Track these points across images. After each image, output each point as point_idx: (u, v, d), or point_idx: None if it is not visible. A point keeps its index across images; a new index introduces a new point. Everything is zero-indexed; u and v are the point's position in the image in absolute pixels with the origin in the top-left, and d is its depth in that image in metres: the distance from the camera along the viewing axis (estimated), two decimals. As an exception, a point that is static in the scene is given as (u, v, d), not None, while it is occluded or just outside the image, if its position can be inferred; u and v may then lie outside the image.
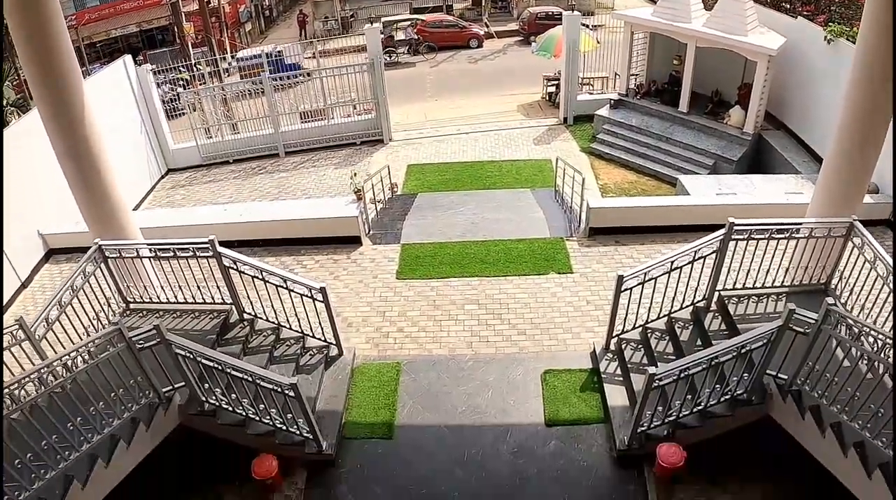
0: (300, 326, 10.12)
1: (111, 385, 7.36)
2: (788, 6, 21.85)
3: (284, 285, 9.43)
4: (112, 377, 7.33)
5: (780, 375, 7.90)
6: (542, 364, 10.44)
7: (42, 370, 6.45)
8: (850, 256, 8.82)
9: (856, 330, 6.65)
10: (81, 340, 7.26)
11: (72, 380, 6.80)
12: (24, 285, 13.68)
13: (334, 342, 10.32)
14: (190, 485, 9.09)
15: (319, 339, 10.26)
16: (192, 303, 10.01)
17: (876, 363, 6.57)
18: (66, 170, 9.70)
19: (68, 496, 6.75)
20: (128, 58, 19.74)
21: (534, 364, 10.47)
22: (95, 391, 7.20)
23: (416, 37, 36.10)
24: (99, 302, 9.22)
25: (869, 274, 8.35)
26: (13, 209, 12.89)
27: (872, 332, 6.47)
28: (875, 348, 6.46)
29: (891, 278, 7.84)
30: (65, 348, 6.94)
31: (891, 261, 7.95)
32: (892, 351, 6.29)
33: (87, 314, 8.98)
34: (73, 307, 8.63)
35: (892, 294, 7.81)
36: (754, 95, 18.44)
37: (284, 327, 10.19)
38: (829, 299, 6.88)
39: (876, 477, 6.55)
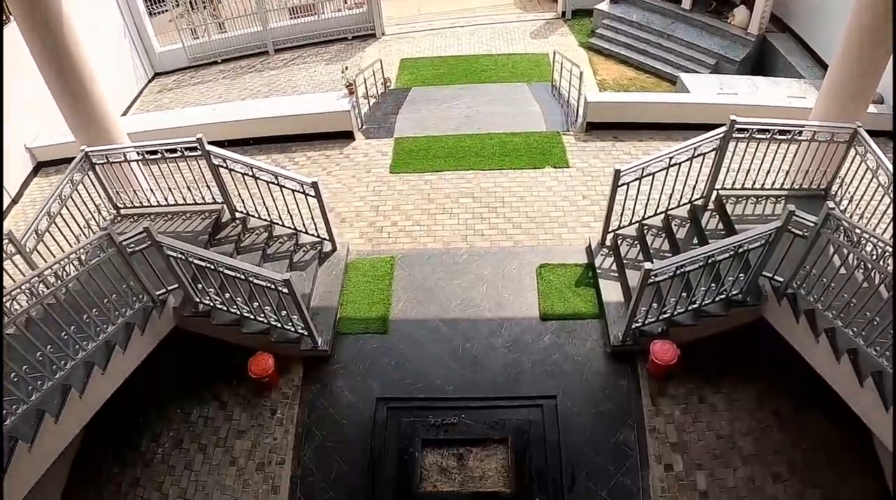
0: (293, 222, 10.01)
1: (104, 292, 7.31)
2: None
3: (276, 182, 9.25)
4: (104, 284, 7.27)
5: (776, 277, 7.88)
6: (538, 258, 10.42)
7: (33, 281, 6.36)
8: (851, 163, 8.65)
9: (855, 236, 6.57)
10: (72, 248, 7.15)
11: (64, 289, 6.74)
12: (14, 202, 13.47)
13: (328, 238, 10.23)
14: (188, 387, 9.18)
15: (313, 235, 10.16)
16: (183, 205, 9.87)
17: (873, 272, 6.50)
18: (47, 77, 9.37)
19: (66, 406, 6.78)
20: None
21: (529, 258, 10.44)
22: (88, 299, 7.15)
23: None
24: (88, 210, 9.09)
25: (870, 183, 8.20)
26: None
27: (872, 239, 6.39)
28: (874, 256, 6.38)
29: (892, 188, 7.72)
30: (55, 258, 6.84)
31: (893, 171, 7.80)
32: (891, 260, 6.22)
33: (77, 223, 8.85)
34: (62, 217, 8.49)
35: (892, 204, 7.71)
36: (759, -6, 17.82)
37: (277, 224, 10.08)
38: (830, 204, 6.76)
39: (867, 385, 6.58)
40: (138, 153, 9.37)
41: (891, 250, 6.19)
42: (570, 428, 8.40)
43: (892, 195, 7.69)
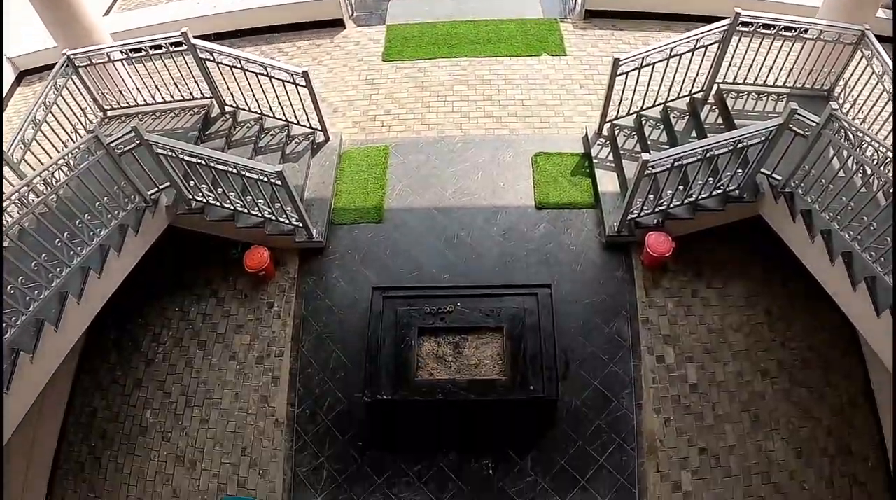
0: (284, 114, 9.77)
1: (95, 195, 7.24)
2: None
3: (265, 73, 8.97)
4: (95, 187, 7.20)
5: (774, 175, 7.82)
6: (534, 147, 10.31)
7: (22, 190, 6.26)
8: (856, 66, 8.44)
9: (857, 139, 6.49)
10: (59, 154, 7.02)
11: (55, 196, 6.65)
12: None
13: (320, 128, 10.05)
14: (185, 285, 9.24)
15: (305, 126, 9.97)
16: (171, 102, 9.63)
17: (873, 177, 6.47)
18: None
19: (65, 313, 6.81)
20: None
21: (525, 146, 10.33)
22: (80, 204, 7.09)
23: None
24: (75, 115, 8.82)
25: (874, 88, 8.02)
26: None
27: (874, 143, 6.31)
28: (875, 161, 6.33)
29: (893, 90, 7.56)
30: (43, 165, 6.72)
31: None
32: (892, 166, 6.16)
33: (64, 130, 8.62)
34: (48, 125, 8.24)
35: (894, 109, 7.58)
36: None
37: (268, 116, 9.86)
38: (833, 104, 6.65)
39: (860, 289, 6.64)
40: (122, 52, 9.02)
41: (892, 155, 6.13)
42: (564, 317, 8.51)
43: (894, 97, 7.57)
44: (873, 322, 6.53)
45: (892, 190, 6.17)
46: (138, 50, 8.90)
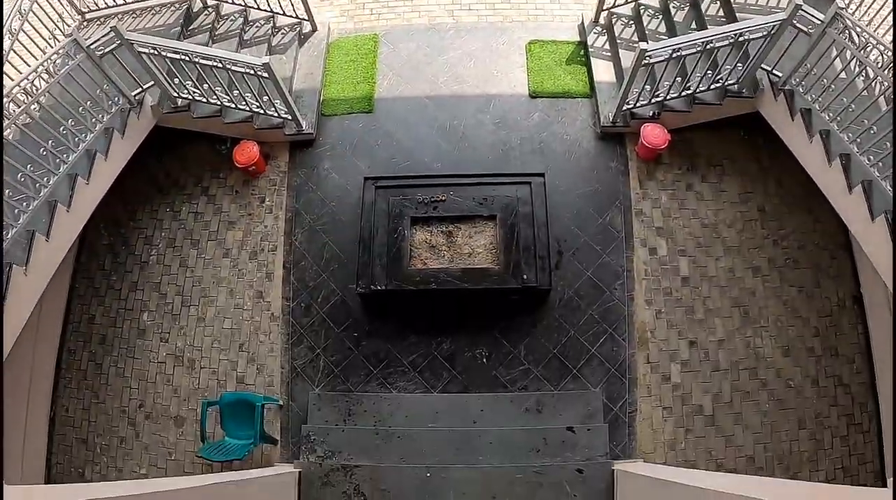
0: (269, 4, 9.42)
1: (78, 101, 7.11)
2: None
3: (249, -39, 8.67)
4: (77, 92, 7.07)
5: (775, 71, 7.69)
6: (528, 34, 10.04)
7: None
8: None
9: (863, 40, 6.34)
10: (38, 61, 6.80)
11: (36, 105, 6.53)
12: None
13: (307, 18, 9.69)
14: (175, 185, 9.17)
15: (291, 16, 9.64)
16: (150, -1, 9.29)
17: (876, 80, 6.34)
18: None
19: (55, 222, 6.78)
20: None
21: (518, 34, 10.07)
22: (63, 111, 6.95)
23: None
24: (51, 20, 8.36)
25: None
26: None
27: (879, 45, 6.15)
28: (879, 64, 6.20)
29: None
30: (21, 74, 6.51)
31: None
32: (893, 69, 6.04)
33: (42, 37, 8.20)
34: (25, 33, 7.83)
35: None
36: None
37: (252, 7, 9.50)
38: (840, 2, 6.46)
39: (856, 193, 6.64)
40: None
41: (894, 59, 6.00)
42: (558, 207, 8.52)
43: None
44: (867, 226, 6.56)
45: (893, 95, 6.08)
46: None
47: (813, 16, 6.81)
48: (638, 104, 8.40)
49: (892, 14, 7.15)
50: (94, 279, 8.85)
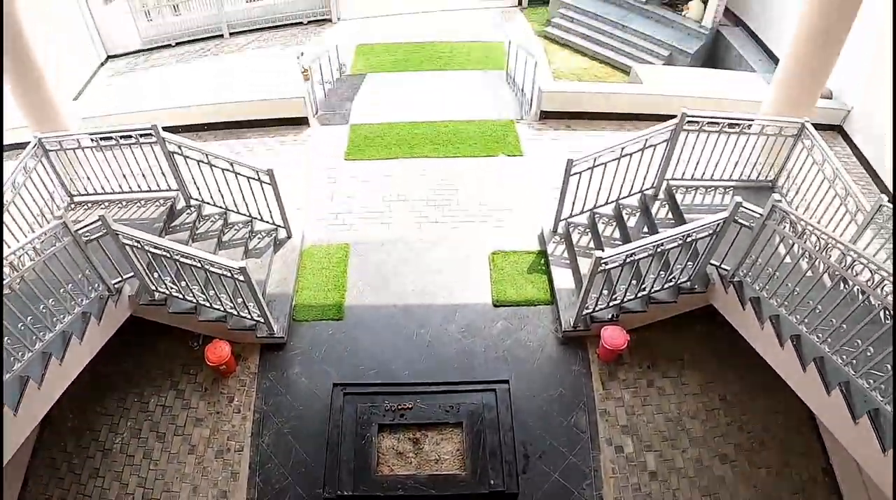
0: (248, 210, 9.98)
1: (60, 281, 7.28)
2: None
3: (231, 169, 9.26)
4: (60, 273, 7.25)
5: (723, 265, 8.16)
6: (491, 245, 10.56)
7: None
8: (799, 156, 8.94)
9: (799, 227, 6.84)
10: (26, 238, 7.10)
11: (20, 279, 6.68)
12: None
13: (283, 225, 10.22)
14: (145, 375, 9.16)
15: (268, 222, 10.15)
16: (137, 192, 9.81)
17: (817, 262, 6.80)
18: None
19: (25, 397, 6.74)
20: None
21: (482, 245, 10.58)
22: (44, 289, 7.12)
23: None
24: (42, 198, 8.96)
25: (816, 176, 8.50)
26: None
27: (816, 231, 6.65)
28: (817, 247, 6.65)
29: (837, 180, 8.01)
30: (9, 247, 6.77)
31: (839, 166, 8.10)
32: (834, 251, 6.51)
33: (31, 211, 8.74)
34: (15, 206, 8.38)
35: (836, 197, 8.02)
36: (714, -12, 18.14)
37: (232, 211, 10.05)
38: (776, 196, 7.04)
39: (810, 370, 6.88)
40: (92, 140, 9.23)
41: (833, 242, 6.46)
42: (524, 412, 8.59)
43: (837, 190, 8.03)
44: (825, 400, 6.75)
45: (837, 274, 6.51)
46: (108, 138, 9.13)
47: (753, 211, 7.33)
48: (597, 308, 8.74)
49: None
50: (55, 460, 8.58)
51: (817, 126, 8.88)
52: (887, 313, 6.05)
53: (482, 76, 16.44)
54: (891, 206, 7.31)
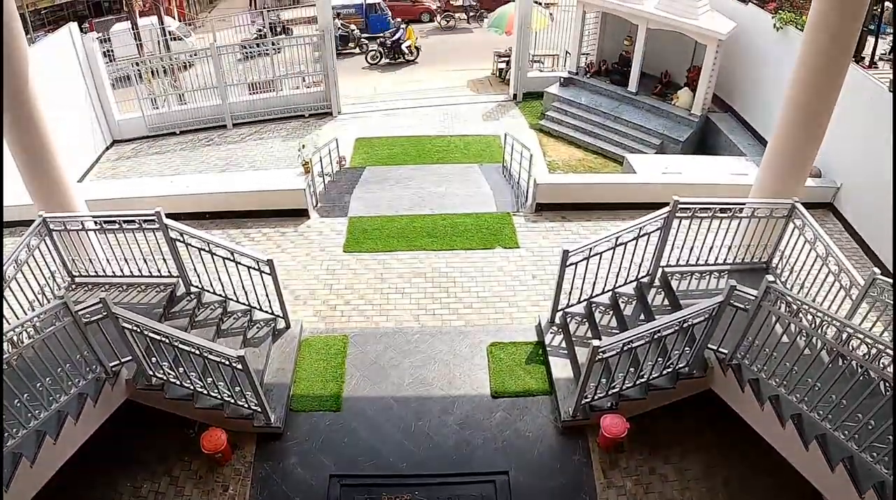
0: (247, 299, 10.04)
1: (57, 360, 7.28)
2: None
3: (232, 258, 9.37)
4: (58, 352, 7.25)
5: (720, 349, 8.20)
6: (488, 337, 10.58)
7: None
8: (791, 236, 9.11)
9: (794, 307, 6.92)
10: (26, 315, 7.14)
11: (17, 356, 6.69)
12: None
13: (281, 315, 10.27)
14: (140, 461, 9.02)
15: (267, 312, 10.20)
16: (138, 276, 9.89)
17: (813, 339, 6.85)
18: (10, 141, 9.39)
19: (17, 475, 6.67)
20: (73, 26, 19.26)
21: (480, 337, 10.59)
22: (42, 367, 7.11)
23: (474, 2, 34.30)
24: (44, 276, 9.07)
25: (809, 254, 8.66)
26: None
27: (812, 309, 6.72)
28: (813, 325, 6.72)
29: (830, 259, 8.13)
30: (9, 324, 6.82)
31: (831, 243, 8.25)
32: (830, 328, 6.58)
33: (31, 289, 8.84)
34: (17, 282, 8.47)
35: (829, 274, 8.12)
36: (703, 77, 18.83)
37: (232, 300, 10.11)
38: (770, 277, 7.14)
39: (812, 448, 6.86)
40: (96, 222, 9.41)
41: (829, 319, 6.52)
42: (523, 504, 8.45)
43: (830, 267, 8.15)
44: (829, 477, 6.71)
45: (835, 350, 6.56)
46: (112, 222, 9.27)
47: (748, 293, 7.40)
48: (596, 397, 8.70)
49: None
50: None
51: (808, 205, 9.07)
52: (886, 384, 6.06)
53: (479, 169, 16.81)
54: (885, 279, 7.41)
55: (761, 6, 18.84)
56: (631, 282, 9.94)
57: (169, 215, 9.31)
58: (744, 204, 9.21)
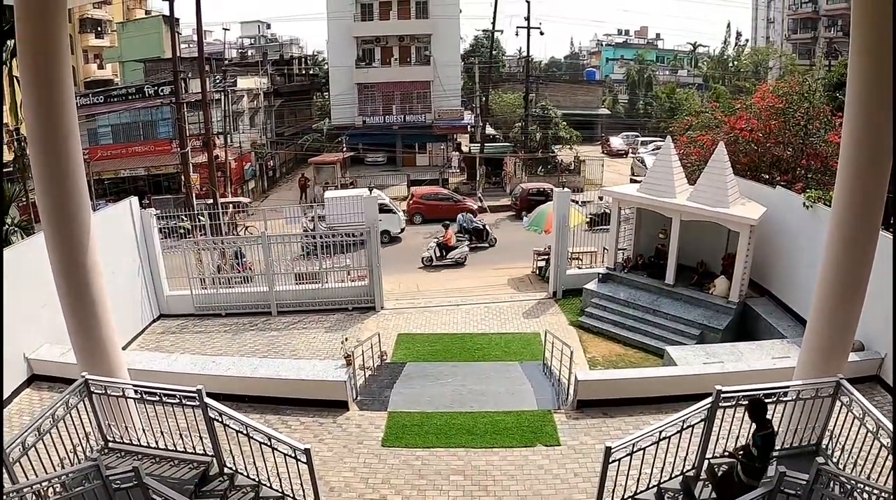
0: (281, 486, 9.74)
1: (79, 520, 7.20)
2: (767, 177, 22.89)
3: (268, 443, 9.29)
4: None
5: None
6: None
7: (11, 494, 6.33)
8: (839, 414, 8.90)
9: (849, 487, 6.67)
10: (55, 471, 7.13)
11: None
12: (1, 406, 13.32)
13: (314, 502, 9.97)
14: None
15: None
16: (172, 450, 9.86)
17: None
18: (64, 299, 9.75)
19: None
20: (134, 199, 20.37)
21: None
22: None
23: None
24: (78, 436, 9.09)
25: (859, 430, 8.42)
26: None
27: (867, 488, 6.48)
28: (873, 500, 6.45)
29: (881, 432, 7.88)
30: (37, 476, 6.80)
31: (881, 417, 8.03)
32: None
33: (64, 446, 8.84)
34: (51, 436, 8.52)
35: (882, 448, 7.85)
36: (738, 263, 19.07)
37: (265, 485, 9.85)
38: (820, 459, 6.97)
39: None
40: (137, 392, 9.52)
41: (886, 495, 6.27)
42: None
43: (882, 441, 7.91)
44: None
45: None
46: (153, 394, 9.35)
47: (798, 478, 7.19)
48: None
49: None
50: None
51: (853, 380, 8.91)
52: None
53: (519, 367, 16.82)
54: None
55: (789, 187, 19.30)
56: (676, 476, 9.58)
57: (208, 394, 9.37)
58: (788, 387, 9.04)
